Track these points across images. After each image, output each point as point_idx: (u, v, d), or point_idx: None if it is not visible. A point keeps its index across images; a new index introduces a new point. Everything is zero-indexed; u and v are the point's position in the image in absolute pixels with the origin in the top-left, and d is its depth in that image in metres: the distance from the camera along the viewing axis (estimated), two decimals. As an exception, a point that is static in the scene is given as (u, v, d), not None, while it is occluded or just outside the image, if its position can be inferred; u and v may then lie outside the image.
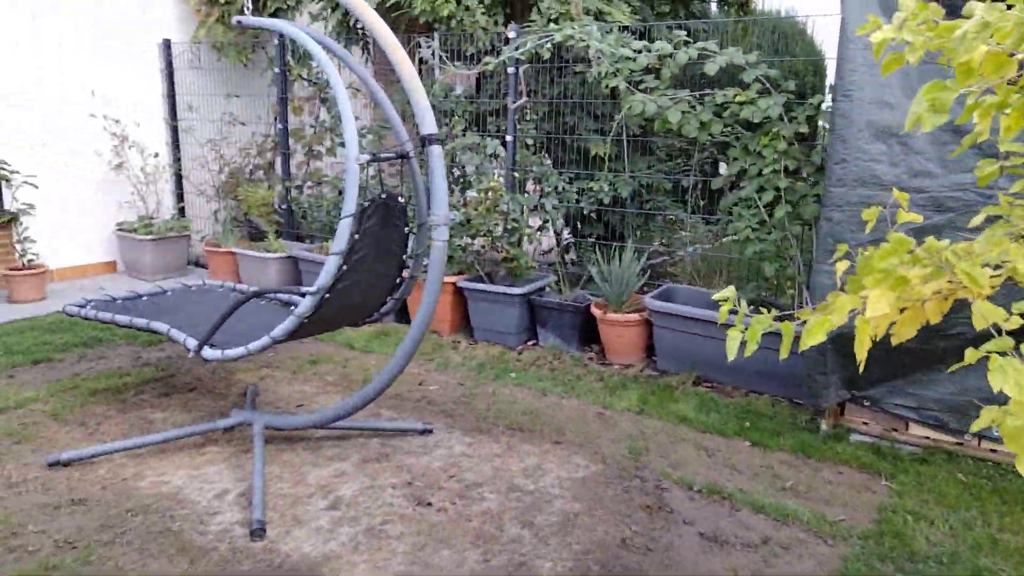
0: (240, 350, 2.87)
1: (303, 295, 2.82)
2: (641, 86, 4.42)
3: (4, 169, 5.41)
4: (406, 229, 3.06)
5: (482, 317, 4.77)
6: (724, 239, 4.82)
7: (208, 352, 2.95)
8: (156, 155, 6.54)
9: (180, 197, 6.84)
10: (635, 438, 3.45)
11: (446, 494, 2.93)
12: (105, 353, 4.47)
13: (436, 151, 2.79)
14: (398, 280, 3.24)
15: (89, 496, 2.83)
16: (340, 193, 6.04)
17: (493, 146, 4.88)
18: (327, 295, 2.82)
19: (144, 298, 3.89)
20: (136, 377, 4.06)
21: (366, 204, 2.80)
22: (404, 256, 3.15)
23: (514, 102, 5.02)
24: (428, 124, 2.77)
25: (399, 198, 2.97)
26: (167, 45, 6.63)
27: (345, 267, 2.77)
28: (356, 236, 2.75)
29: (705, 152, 4.80)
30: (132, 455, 3.17)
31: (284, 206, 6.16)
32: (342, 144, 6.12)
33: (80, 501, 2.79)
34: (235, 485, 2.96)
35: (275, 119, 6.65)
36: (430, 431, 3.48)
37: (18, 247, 5.45)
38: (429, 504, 2.85)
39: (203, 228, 6.86)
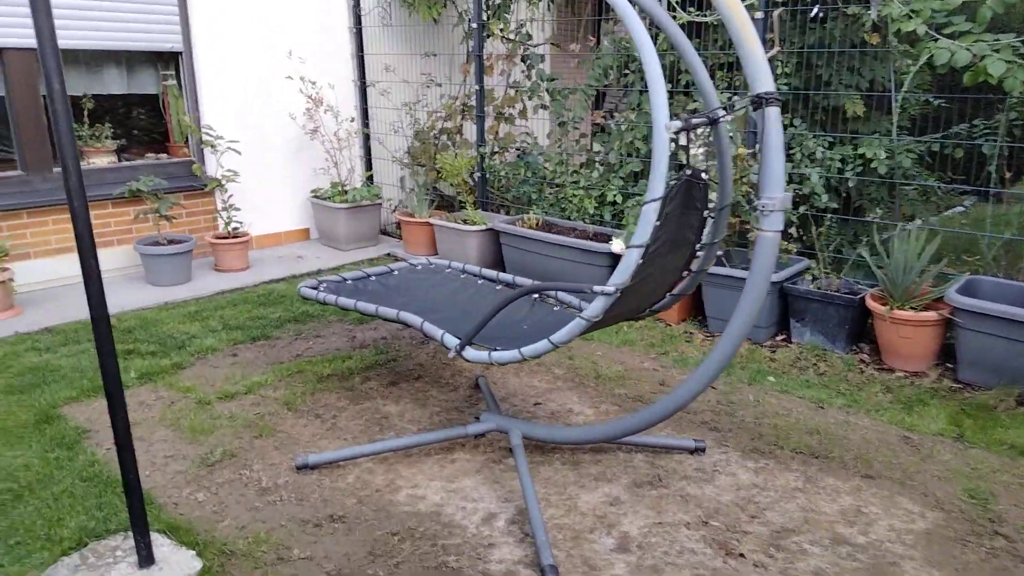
0: (512, 354, 2.44)
1: (592, 292, 2.33)
2: (946, 30, 3.57)
3: (209, 135, 5.34)
4: (705, 213, 2.50)
5: (720, 305, 4.16)
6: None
7: (472, 353, 2.55)
8: (353, 120, 6.32)
9: (369, 163, 6.63)
10: (968, 476, 2.76)
11: (755, 542, 2.40)
12: (319, 331, 4.27)
13: (773, 115, 2.19)
14: (684, 273, 2.70)
15: (346, 512, 2.53)
16: (524, 164, 5.59)
17: (742, 105, 4.18)
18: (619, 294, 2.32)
19: (372, 278, 3.58)
20: (358, 361, 3.80)
21: (671, 184, 2.26)
22: (697, 245, 2.60)
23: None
24: (764, 80, 2.17)
25: (703, 175, 2.40)
26: (356, 2, 6.35)
27: (641, 261, 2.26)
28: (657, 224, 2.22)
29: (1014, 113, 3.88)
30: (378, 459, 2.87)
31: (478, 174, 5.77)
32: (543, 106, 5.64)
33: (339, 518, 2.49)
34: (500, 507, 2.57)
35: (464, 79, 6.26)
36: (702, 449, 2.96)
37: (223, 215, 5.39)
38: (741, 556, 2.33)
39: (390, 196, 6.63)
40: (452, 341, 2.61)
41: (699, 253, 2.64)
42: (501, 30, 5.72)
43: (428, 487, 2.69)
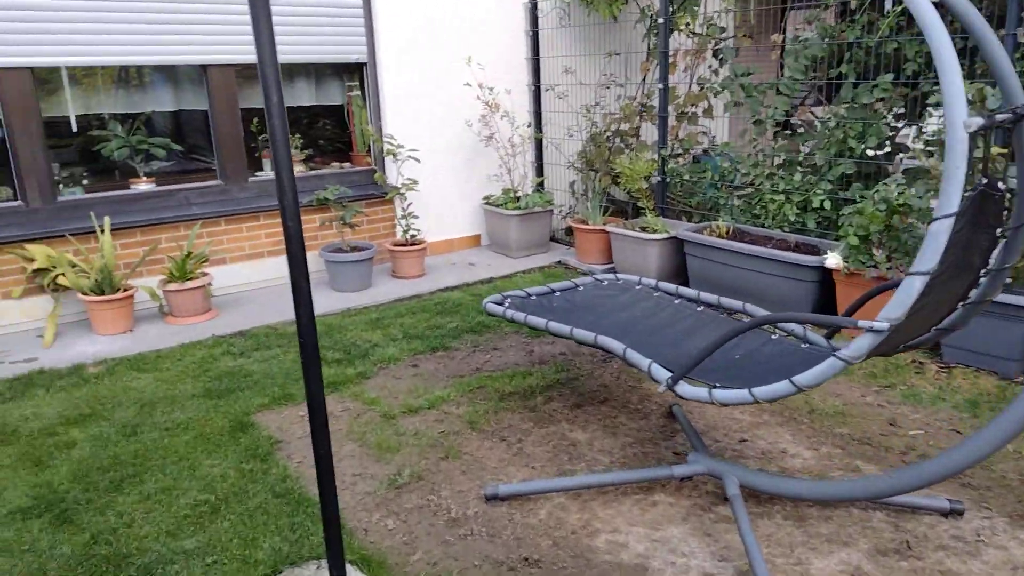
0: (740, 394, 2.09)
1: (857, 327, 1.93)
2: None
3: (391, 144, 5.38)
4: (997, 232, 2.02)
5: (967, 333, 3.53)
6: None
7: (687, 390, 2.23)
8: (529, 125, 6.18)
9: (540, 169, 6.46)
10: None
11: (1060, 647, 1.90)
12: (496, 343, 4.12)
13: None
14: (959, 303, 2.21)
15: (542, 555, 2.30)
16: (708, 166, 5.13)
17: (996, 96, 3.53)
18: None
19: (557, 294, 3.36)
20: (539, 379, 3.59)
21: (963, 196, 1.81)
22: (982, 271, 2.11)
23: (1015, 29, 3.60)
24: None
25: (999, 185, 1.92)
26: (533, 4, 6.20)
27: (924, 290, 1.82)
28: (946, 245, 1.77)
29: None
30: (571, 494, 2.62)
31: (658, 178, 5.41)
32: (736, 103, 5.18)
33: (534, 562, 2.27)
34: (717, 567, 2.23)
35: (643, 78, 5.92)
36: (959, 512, 2.44)
37: (402, 222, 5.42)
38: (1044, 665, 1.84)
39: (560, 202, 6.43)
40: (662, 374, 2.30)
41: (981, 279, 2.15)
42: (687, 24, 5.33)
43: (629, 533, 2.40)
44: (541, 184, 6.43)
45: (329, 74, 5.71)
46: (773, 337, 2.68)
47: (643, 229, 5.13)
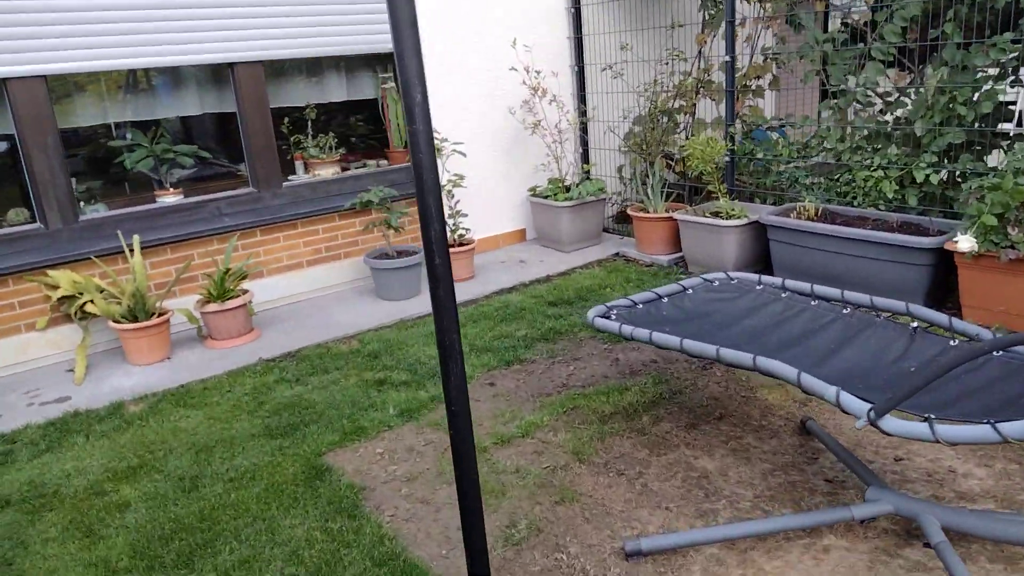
0: (982, 432, 1.66)
1: None
2: None
3: (435, 137, 4.94)
4: None
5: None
6: None
7: (898, 425, 1.80)
8: (583, 112, 5.72)
9: (585, 155, 6.02)
10: None
11: None
12: (573, 351, 3.71)
13: None
14: None
15: (716, 629, 1.90)
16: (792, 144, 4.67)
17: None
18: None
19: (664, 300, 2.93)
20: (637, 394, 3.18)
21: None
22: None
23: None
24: None
25: None
26: (570, -22, 5.75)
27: None
28: None
29: None
30: (726, 543, 2.21)
31: (728, 158, 4.97)
32: (817, 72, 4.72)
33: (710, 639, 1.87)
34: (935, 636, 1.82)
35: (699, 52, 5.46)
36: None
37: (448, 222, 5.00)
38: None
39: (608, 188, 5.99)
40: (858, 406, 1.86)
41: None
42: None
43: (809, 591, 1.99)
44: (588, 172, 5.99)
45: (361, 66, 5.27)
46: (952, 343, 2.25)
47: (715, 215, 4.69)
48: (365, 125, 5.66)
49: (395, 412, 3.17)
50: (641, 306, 2.86)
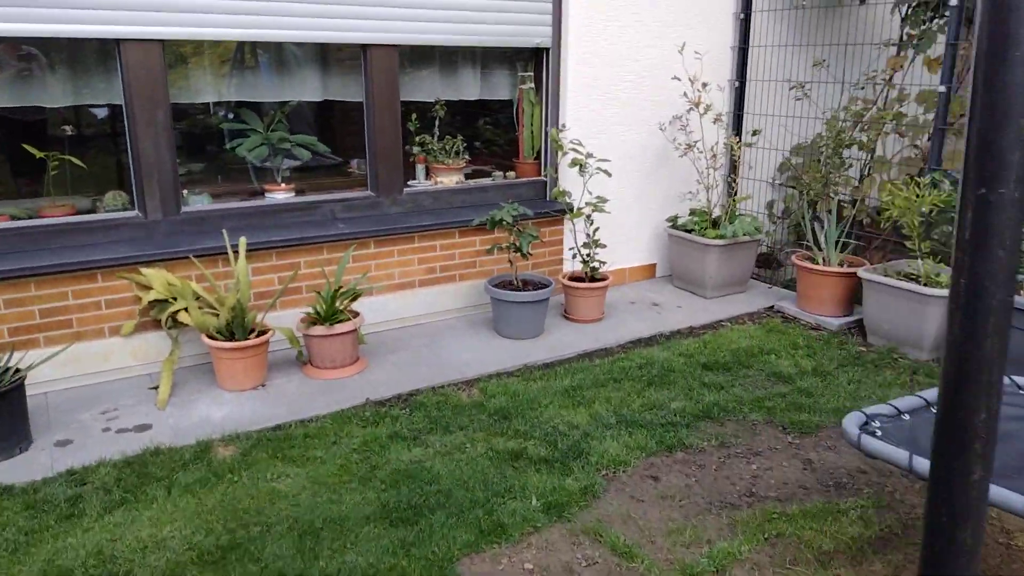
0: None
1: None
2: None
3: (578, 152, 4.28)
4: None
5: None
6: None
7: None
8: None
9: (731, 186, 5.27)
10: None
11: None
12: (749, 440, 2.99)
13: None
14: None
15: None
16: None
17: None
18: None
19: (933, 409, 2.20)
20: (858, 523, 2.44)
21: None
22: None
23: None
24: None
25: None
26: (741, -18, 5.01)
27: None
28: None
29: None
30: None
31: (929, 211, 4.15)
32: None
33: None
34: None
35: (889, 77, 4.64)
36: None
37: (582, 251, 4.33)
38: None
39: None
40: None
41: None
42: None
43: None
44: (735, 204, 5.24)
45: (498, 62, 4.66)
46: None
47: (909, 277, 3.89)
48: (493, 130, 5.05)
49: (539, 505, 2.52)
50: (907, 417, 2.14)
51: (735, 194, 4.96)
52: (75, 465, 2.76)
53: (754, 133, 4.94)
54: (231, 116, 4.18)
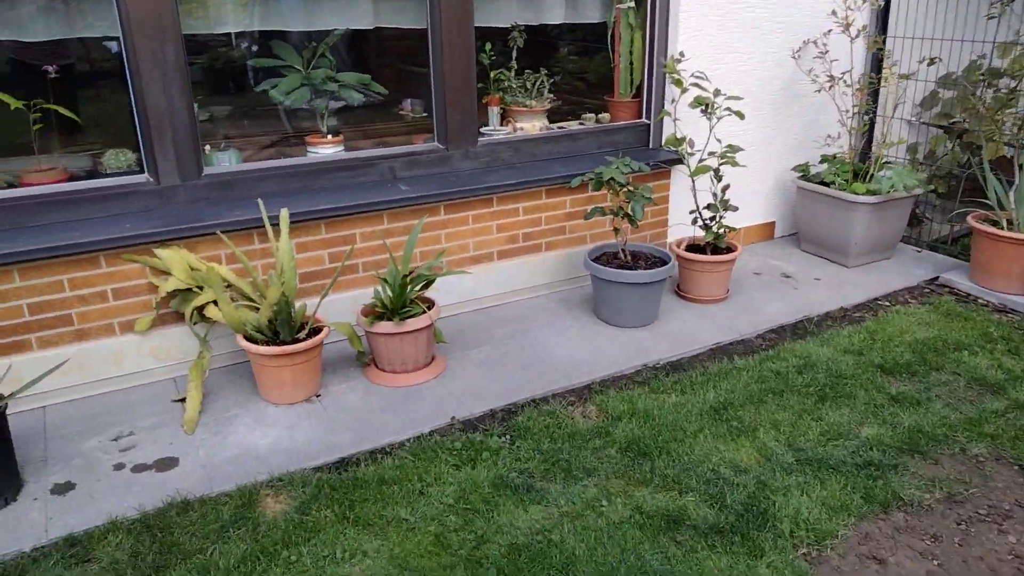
0: None
1: None
2: None
3: (701, 87, 3.34)
4: None
5: None
6: None
7: None
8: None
9: (871, 124, 4.28)
10: None
11: None
12: (981, 489, 2.17)
13: None
14: None
15: None
16: None
17: None
18: None
19: None
20: None
21: None
22: None
23: None
24: None
25: None
26: None
27: None
28: None
29: None
30: None
31: None
32: None
33: None
34: None
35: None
36: None
37: (703, 214, 3.44)
38: None
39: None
40: None
41: None
42: None
43: None
44: (865, 150, 4.26)
45: (590, -26, 3.70)
46: None
47: None
48: (582, 62, 4.12)
49: (728, 608, 1.75)
50: None
51: (885, 138, 3.98)
52: (76, 528, 2.04)
53: (931, 62, 3.90)
54: (255, 50, 3.32)
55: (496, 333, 3.20)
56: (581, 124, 3.80)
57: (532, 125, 3.62)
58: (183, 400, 2.67)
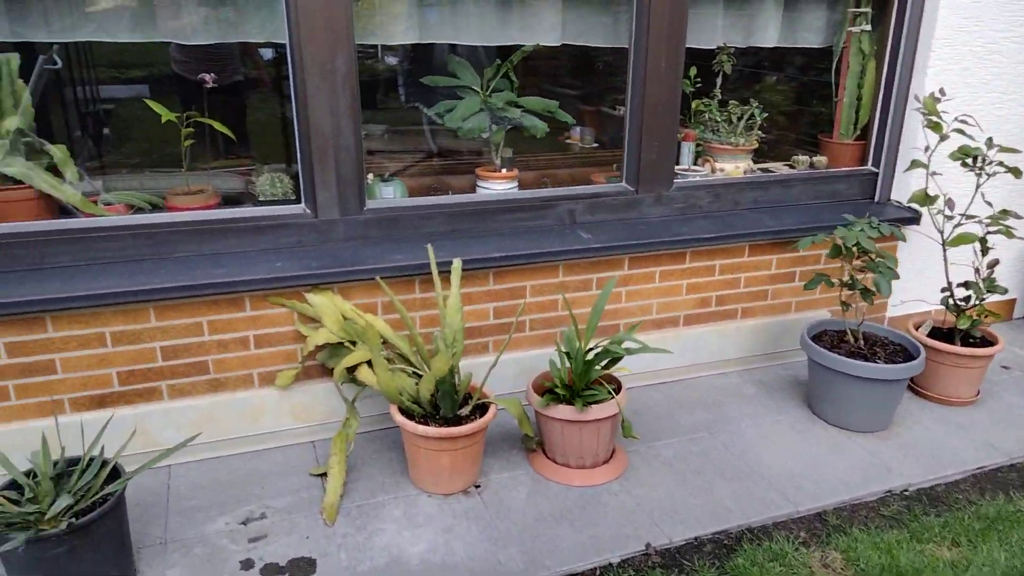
0: None
1: None
2: None
3: (966, 134, 2.65)
4: None
5: None
6: None
7: None
8: None
9: None
10: None
11: None
12: None
13: None
14: None
15: None
16: None
17: None
18: None
19: None
20: None
21: None
22: None
23: None
24: None
25: None
26: None
27: None
28: None
29: None
30: None
31: None
32: None
33: None
34: None
35: None
36: None
37: (960, 293, 2.74)
38: None
39: None
40: None
41: None
42: None
43: None
44: None
45: (817, -8, 3.10)
46: None
47: None
48: (790, 91, 3.51)
49: None
50: None
51: None
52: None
53: None
54: (407, 65, 2.93)
55: (682, 421, 2.62)
56: (791, 168, 3.18)
57: (735, 167, 3.04)
58: (323, 474, 2.26)
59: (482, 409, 2.24)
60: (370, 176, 2.62)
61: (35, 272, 2.16)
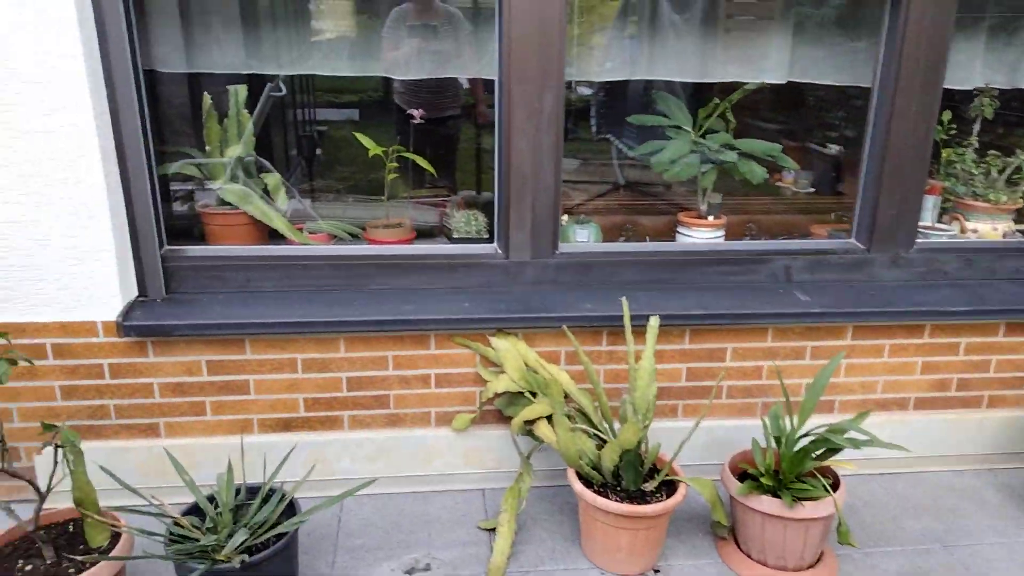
0: None
1: None
2: None
3: None
4: None
5: None
6: None
7: None
8: None
9: None
10: None
11: None
12: None
13: None
14: None
15: None
16: None
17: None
18: None
19: None
20: None
21: None
22: None
23: None
24: None
25: None
26: None
27: None
28: None
29: None
30: None
31: None
32: None
33: None
34: None
35: None
36: None
37: None
38: None
39: None
40: None
41: None
42: None
43: None
44: None
45: None
46: None
47: None
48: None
49: None
50: None
51: None
52: None
53: None
54: (602, 96, 2.75)
55: (908, 527, 2.20)
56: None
57: (992, 228, 2.56)
58: (492, 529, 2.13)
59: (669, 486, 2.00)
60: (565, 217, 2.49)
61: (240, 294, 2.24)
